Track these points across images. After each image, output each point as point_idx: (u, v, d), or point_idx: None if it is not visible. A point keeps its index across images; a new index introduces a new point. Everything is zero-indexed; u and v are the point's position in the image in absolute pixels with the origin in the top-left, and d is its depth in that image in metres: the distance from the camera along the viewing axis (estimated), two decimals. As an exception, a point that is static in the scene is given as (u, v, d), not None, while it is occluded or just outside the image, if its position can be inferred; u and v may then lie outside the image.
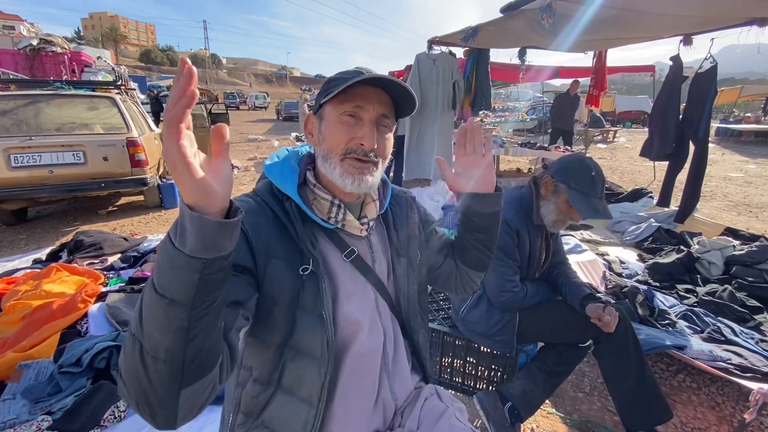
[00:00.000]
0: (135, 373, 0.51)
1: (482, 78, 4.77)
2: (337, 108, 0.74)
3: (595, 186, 1.44)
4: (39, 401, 1.60)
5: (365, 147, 0.74)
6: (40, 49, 8.57)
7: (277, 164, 0.80)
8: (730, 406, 1.79)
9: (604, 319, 1.38)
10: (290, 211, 0.75)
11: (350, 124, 0.74)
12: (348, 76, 0.73)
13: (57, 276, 2.50)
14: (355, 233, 0.82)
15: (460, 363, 1.83)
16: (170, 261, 0.48)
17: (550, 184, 1.52)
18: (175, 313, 0.49)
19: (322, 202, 0.79)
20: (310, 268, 0.73)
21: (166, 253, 0.48)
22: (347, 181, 0.74)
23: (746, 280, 2.56)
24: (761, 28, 2.94)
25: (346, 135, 0.74)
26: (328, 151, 0.75)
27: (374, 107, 0.75)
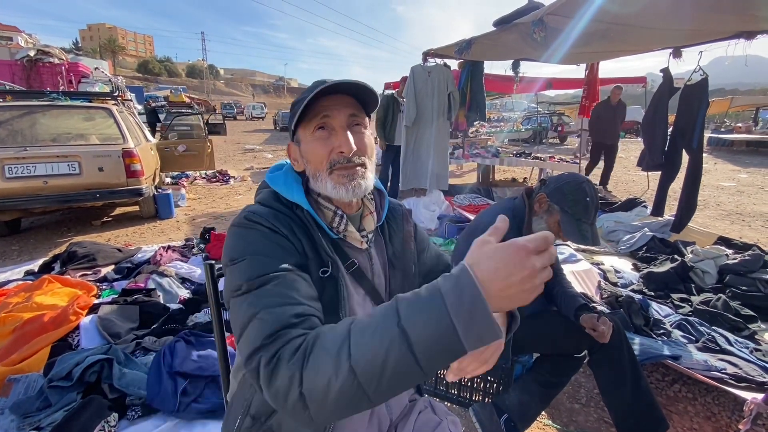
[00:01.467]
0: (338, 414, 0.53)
1: (477, 89, 4.84)
2: (308, 127, 0.76)
3: (588, 212, 1.44)
4: (28, 416, 1.57)
5: (345, 153, 0.74)
6: (37, 59, 8.60)
7: (281, 175, 0.81)
8: (726, 417, 1.78)
9: (599, 329, 1.38)
10: (303, 218, 0.76)
11: (324, 138, 0.75)
12: (307, 93, 0.74)
13: (49, 288, 2.47)
14: (356, 245, 0.82)
15: (456, 374, 1.82)
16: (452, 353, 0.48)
17: (544, 203, 1.51)
18: (422, 380, 0.52)
19: (326, 212, 0.80)
20: (329, 271, 0.73)
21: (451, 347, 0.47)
22: (341, 192, 0.75)
23: (740, 289, 2.58)
24: (748, 41, 3.01)
25: (324, 149, 0.75)
26: (315, 170, 0.77)
27: (341, 111, 0.75)
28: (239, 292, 0.63)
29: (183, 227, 4.66)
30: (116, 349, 1.85)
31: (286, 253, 0.68)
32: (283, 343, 0.55)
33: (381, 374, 0.48)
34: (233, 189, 6.98)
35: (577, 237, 1.42)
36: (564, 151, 13.47)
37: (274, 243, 0.68)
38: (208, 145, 6.31)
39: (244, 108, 37.24)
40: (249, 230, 0.69)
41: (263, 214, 0.71)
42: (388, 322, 0.49)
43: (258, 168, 9.32)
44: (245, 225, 0.70)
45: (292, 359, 0.53)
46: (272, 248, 0.67)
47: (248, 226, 0.69)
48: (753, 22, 2.68)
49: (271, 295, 0.61)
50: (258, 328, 0.58)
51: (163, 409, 1.65)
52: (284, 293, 0.61)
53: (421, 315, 0.48)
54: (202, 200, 6.07)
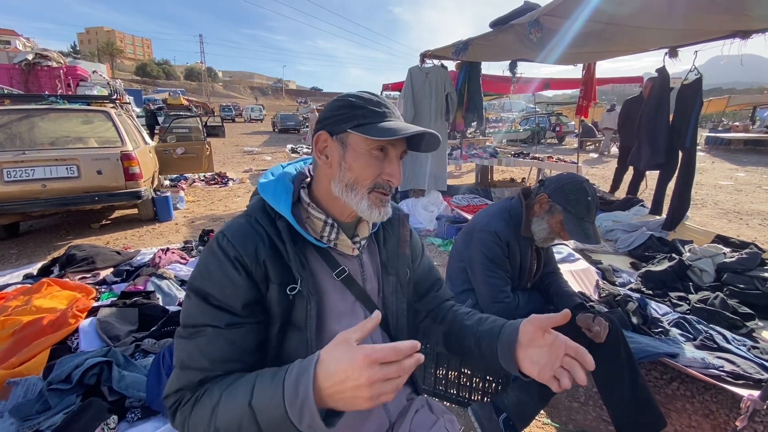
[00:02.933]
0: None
1: (474, 90, 4.85)
2: (368, 141, 0.74)
3: (590, 211, 1.46)
4: (27, 419, 1.57)
5: (393, 184, 0.77)
6: (35, 63, 8.60)
7: (272, 183, 0.81)
8: (724, 414, 1.79)
9: (594, 330, 1.39)
10: (282, 230, 0.75)
11: (380, 159, 0.76)
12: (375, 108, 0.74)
13: (48, 291, 2.47)
14: (347, 252, 0.82)
15: (455, 374, 1.82)
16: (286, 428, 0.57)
17: (545, 203, 1.52)
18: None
19: (315, 221, 0.79)
20: (297, 288, 0.73)
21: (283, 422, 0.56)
22: (374, 214, 0.76)
23: (737, 287, 2.59)
24: (743, 40, 3.02)
25: (376, 170, 0.75)
26: (354, 183, 0.76)
27: (402, 144, 0.78)
28: (179, 329, 0.72)
29: (182, 230, 4.67)
30: (115, 352, 1.85)
31: (237, 290, 0.70)
32: (181, 398, 0.68)
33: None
34: (232, 191, 6.98)
35: (580, 236, 1.43)
36: (562, 151, 13.50)
37: (228, 278, 0.70)
38: (206, 148, 6.32)
39: (242, 110, 37.24)
40: (212, 256, 0.72)
41: (232, 237, 0.72)
42: (243, 399, 0.60)
43: (257, 170, 9.32)
44: (212, 249, 0.73)
45: (185, 406, 0.66)
46: (222, 285, 0.70)
47: (214, 252, 0.73)
48: (747, 21, 2.70)
49: (189, 355, 0.69)
50: (171, 379, 0.70)
51: (162, 411, 1.65)
52: (199, 357, 0.68)
53: (266, 401, 0.58)
54: (201, 202, 6.07)
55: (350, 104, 0.75)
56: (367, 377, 0.51)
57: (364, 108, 0.74)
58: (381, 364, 0.51)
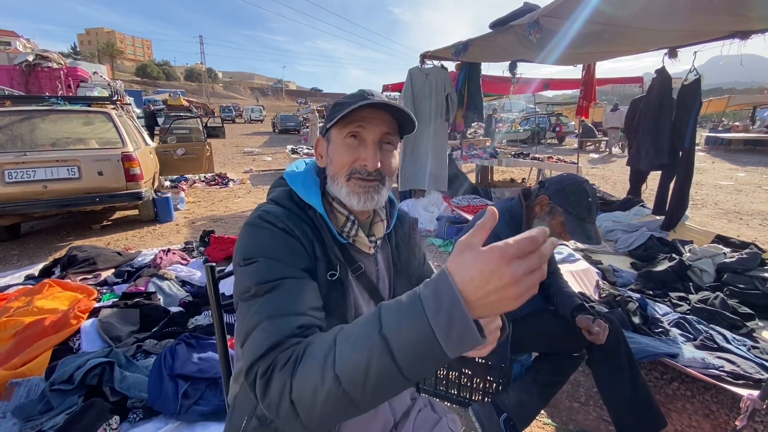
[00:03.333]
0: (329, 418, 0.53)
1: (474, 91, 4.86)
2: (341, 130, 0.77)
3: (591, 212, 1.46)
4: (29, 420, 1.58)
5: (368, 167, 0.76)
6: (36, 64, 8.61)
7: (300, 174, 0.83)
8: (725, 414, 1.80)
9: (593, 332, 1.40)
10: (315, 220, 0.77)
11: (353, 146, 0.76)
12: (353, 100, 0.75)
13: (49, 292, 2.48)
14: (364, 250, 0.83)
15: (456, 374, 1.83)
16: (433, 359, 0.48)
17: (546, 204, 1.52)
18: (407, 387, 0.52)
19: (338, 216, 0.81)
20: (337, 275, 0.74)
21: (432, 353, 0.47)
22: (353, 200, 0.77)
23: (737, 287, 2.59)
24: (743, 41, 3.03)
25: (349, 156, 0.76)
26: (335, 172, 0.78)
27: (377, 127, 0.76)
28: (248, 294, 0.65)
29: (182, 230, 4.67)
30: (117, 353, 1.86)
31: (297, 257, 0.69)
32: (278, 353, 0.57)
33: (365, 381, 0.49)
34: (232, 192, 6.99)
35: (582, 237, 1.43)
36: (562, 151, 13.50)
37: (286, 246, 0.69)
38: (207, 149, 6.33)
39: (242, 111, 37.25)
40: (262, 230, 0.70)
41: (277, 214, 0.72)
42: (371, 330, 0.50)
43: (257, 171, 9.33)
44: (259, 224, 0.71)
45: (284, 368, 0.55)
46: (283, 251, 0.68)
47: (262, 226, 0.71)
48: (746, 22, 2.71)
49: (276, 304, 0.62)
50: (259, 338, 0.59)
51: (164, 412, 1.66)
52: (289, 303, 0.63)
53: (401, 322, 0.48)
54: (202, 203, 6.07)
55: (335, 104, 0.79)
56: (510, 274, 0.44)
57: (345, 103, 0.76)
58: (519, 258, 0.45)
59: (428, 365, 0.49)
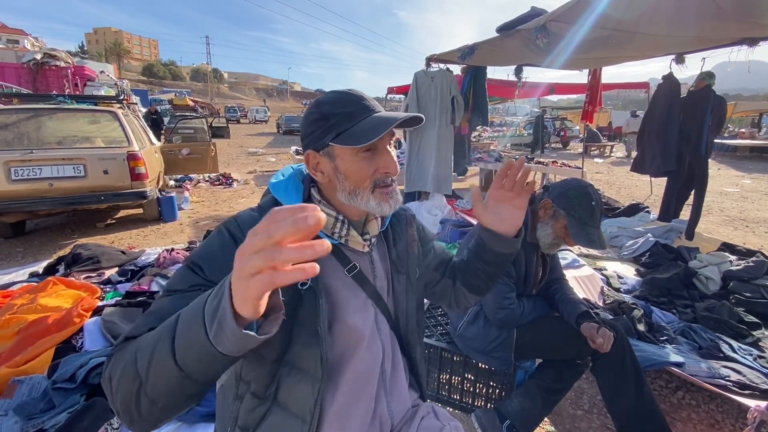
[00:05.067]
0: (126, 401, 0.53)
1: (479, 94, 4.85)
2: (352, 147, 0.73)
3: (594, 216, 1.45)
4: (31, 418, 1.58)
5: (391, 174, 0.77)
6: (43, 63, 8.69)
7: (282, 182, 0.82)
8: (730, 424, 1.77)
9: (597, 341, 1.39)
10: None
11: (370, 158, 0.75)
12: (350, 110, 0.73)
13: (53, 290, 2.48)
14: (358, 249, 0.83)
15: (458, 379, 1.82)
16: (200, 350, 0.48)
17: (549, 208, 1.53)
18: (188, 384, 0.51)
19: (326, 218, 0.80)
20: (308, 284, 0.73)
21: (198, 343, 0.47)
22: (385, 208, 0.77)
23: (743, 296, 2.56)
24: (751, 47, 3.01)
25: (370, 170, 0.75)
26: (355, 188, 0.76)
27: (388, 136, 0.76)
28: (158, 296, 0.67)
29: (186, 230, 4.69)
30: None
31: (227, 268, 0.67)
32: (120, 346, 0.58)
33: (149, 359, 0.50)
34: (236, 192, 7.01)
35: (584, 240, 1.43)
36: (566, 155, 13.45)
37: (225, 257, 0.67)
38: (211, 149, 6.35)
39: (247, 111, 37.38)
40: (217, 234, 0.73)
41: (242, 222, 0.73)
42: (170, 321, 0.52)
43: (261, 171, 9.35)
44: (220, 228, 0.74)
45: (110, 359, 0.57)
46: (216, 261, 0.67)
47: (220, 230, 0.73)
48: (756, 29, 2.69)
49: (160, 303, 0.63)
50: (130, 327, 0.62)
51: (165, 412, 1.66)
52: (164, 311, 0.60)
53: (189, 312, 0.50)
54: (206, 203, 6.09)
55: (323, 116, 0.75)
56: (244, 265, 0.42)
57: (337, 115, 0.73)
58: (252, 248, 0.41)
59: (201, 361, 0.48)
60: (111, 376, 0.54)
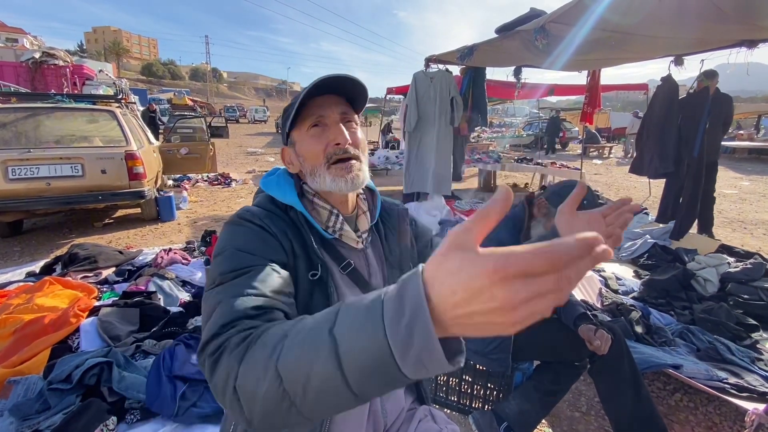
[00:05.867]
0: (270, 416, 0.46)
1: (479, 95, 4.85)
2: (302, 127, 0.78)
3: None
4: (27, 419, 1.57)
5: (341, 145, 0.76)
6: (42, 61, 8.66)
7: (273, 178, 0.83)
8: (728, 426, 1.77)
9: (594, 344, 1.38)
10: (296, 220, 0.77)
11: (319, 133, 0.77)
12: (296, 98, 0.76)
13: (50, 290, 2.47)
14: (352, 245, 0.82)
15: (456, 381, 1.81)
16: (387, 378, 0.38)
17: (543, 206, 1.54)
18: (355, 404, 0.43)
19: (321, 212, 0.80)
20: (318, 274, 0.73)
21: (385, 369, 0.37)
22: (341, 184, 0.76)
23: (741, 298, 2.57)
24: (750, 49, 3.02)
25: (320, 143, 0.76)
26: (312, 167, 0.78)
27: (332, 109, 0.77)
28: (212, 285, 0.62)
29: (184, 230, 4.67)
30: (116, 352, 1.85)
31: (270, 249, 0.68)
32: (231, 334, 0.52)
33: (306, 384, 0.42)
34: (235, 192, 6.99)
35: None
36: (565, 157, 13.47)
37: (260, 239, 0.69)
38: (210, 148, 6.34)
39: (246, 111, 37.35)
40: (238, 227, 0.71)
41: (256, 213, 0.74)
42: (322, 326, 0.42)
43: (260, 171, 9.34)
44: (236, 222, 0.72)
45: (235, 351, 0.49)
46: (256, 245, 0.67)
47: (238, 223, 0.72)
48: (756, 31, 2.69)
49: (238, 287, 0.59)
50: (215, 318, 0.55)
51: (162, 413, 1.65)
52: (251, 284, 0.59)
53: (356, 323, 0.40)
54: (204, 203, 6.08)
55: (284, 110, 0.81)
56: (503, 298, 0.31)
57: (291, 105, 0.77)
58: (524, 278, 0.30)
59: (382, 384, 0.40)
60: (240, 388, 0.47)
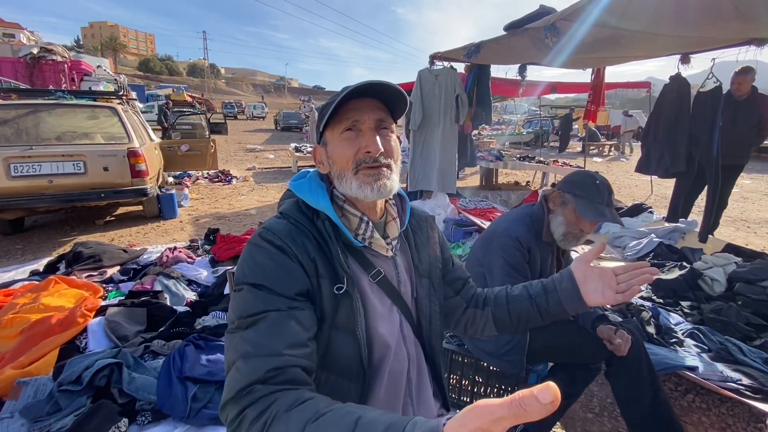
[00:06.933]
0: None
1: (483, 93, 4.82)
2: (336, 129, 0.76)
3: (600, 192, 1.44)
4: (38, 420, 1.56)
5: (372, 153, 0.75)
6: (40, 57, 8.58)
7: (305, 182, 0.81)
8: (741, 428, 1.77)
9: (615, 342, 1.37)
10: (322, 229, 0.75)
11: (352, 138, 0.75)
12: (334, 97, 0.75)
13: (55, 289, 2.45)
14: (382, 253, 0.81)
15: (468, 383, 1.80)
16: None
17: (557, 197, 1.53)
18: None
19: (351, 218, 0.79)
20: (344, 287, 0.72)
21: None
22: (366, 191, 0.74)
23: (750, 297, 2.56)
24: (759, 48, 3.00)
25: (351, 149, 0.75)
26: (341, 171, 0.77)
27: (369, 115, 0.76)
28: (232, 326, 0.65)
29: (186, 227, 4.65)
30: (126, 353, 1.83)
31: (290, 278, 0.68)
32: (249, 402, 0.56)
33: None
34: (236, 189, 6.96)
35: (594, 214, 1.41)
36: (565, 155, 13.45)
37: (280, 266, 0.68)
38: (211, 145, 6.30)
39: (245, 107, 37.18)
40: (259, 249, 0.70)
41: (278, 231, 0.72)
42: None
43: (260, 168, 9.30)
44: (257, 242, 0.71)
45: (253, 427, 0.54)
46: (274, 276, 0.67)
47: (259, 244, 0.71)
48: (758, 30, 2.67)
49: (253, 342, 0.61)
50: (234, 378, 0.59)
51: (173, 415, 1.64)
52: (266, 342, 0.61)
53: None
54: (205, 200, 6.05)
55: (321, 108, 0.80)
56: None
57: (328, 105, 0.76)
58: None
59: None
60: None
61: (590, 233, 1.49)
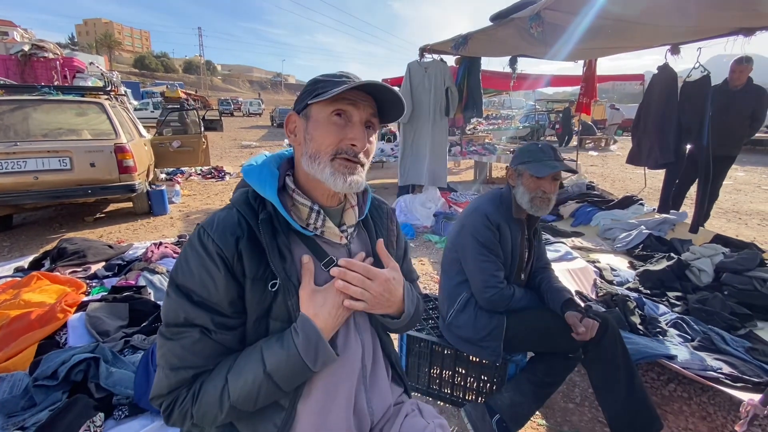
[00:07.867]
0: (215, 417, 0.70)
1: (473, 86, 4.80)
2: (326, 107, 0.73)
3: (545, 152, 1.52)
4: (12, 416, 1.54)
5: (356, 148, 0.73)
6: (31, 54, 8.50)
7: (256, 168, 0.79)
8: (722, 416, 1.77)
9: (579, 331, 1.37)
10: (264, 223, 0.73)
11: (340, 125, 0.73)
12: (335, 79, 0.73)
13: (37, 285, 2.43)
14: (335, 241, 0.80)
15: (449, 374, 1.80)
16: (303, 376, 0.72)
17: (512, 173, 1.61)
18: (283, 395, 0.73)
19: (300, 209, 0.77)
20: (278, 284, 0.72)
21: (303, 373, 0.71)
22: (339, 181, 0.73)
23: (736, 287, 2.56)
24: (747, 37, 2.99)
25: (336, 135, 0.73)
26: (316, 152, 0.74)
27: (364, 109, 0.74)
28: (162, 329, 0.72)
29: (177, 224, 4.62)
30: (103, 348, 1.82)
31: (216, 290, 0.70)
32: (177, 395, 0.70)
33: (255, 401, 0.70)
34: (228, 185, 6.94)
35: (547, 168, 1.47)
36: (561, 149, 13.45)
37: (210, 278, 0.69)
38: (203, 141, 6.25)
39: (241, 104, 37.03)
40: (192, 252, 0.71)
41: (214, 233, 0.71)
42: (257, 369, 0.68)
43: (254, 164, 9.25)
44: (193, 243, 0.72)
45: (183, 403, 0.69)
46: (202, 283, 0.70)
47: (194, 248, 0.71)
48: (755, 17, 2.65)
49: (180, 357, 0.70)
50: (161, 380, 0.71)
51: (150, 409, 1.62)
52: (191, 357, 0.70)
53: (281, 363, 0.69)
54: (197, 197, 6.02)
55: (314, 81, 0.76)
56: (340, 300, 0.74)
57: (324, 81, 0.74)
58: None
59: (300, 379, 0.72)
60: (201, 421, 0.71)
61: (554, 192, 1.51)
